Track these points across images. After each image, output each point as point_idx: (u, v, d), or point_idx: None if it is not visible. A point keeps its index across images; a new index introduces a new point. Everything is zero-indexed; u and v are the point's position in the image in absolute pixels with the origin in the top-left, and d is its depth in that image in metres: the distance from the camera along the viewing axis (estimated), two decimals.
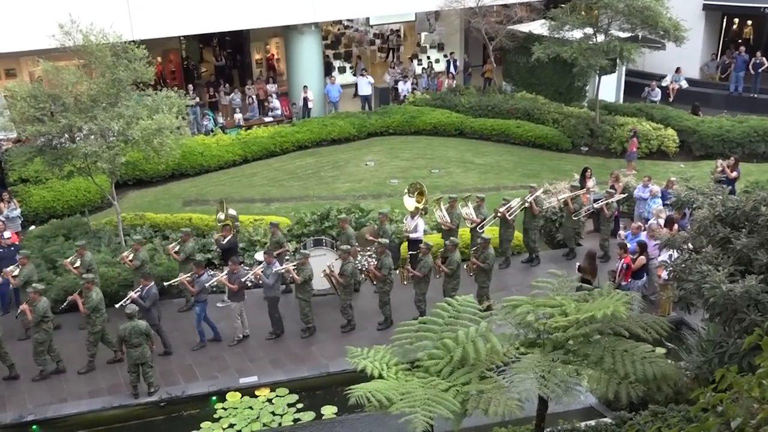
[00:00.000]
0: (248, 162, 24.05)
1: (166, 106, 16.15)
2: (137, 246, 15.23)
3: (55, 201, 19.91)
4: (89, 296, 13.55)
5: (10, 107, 15.80)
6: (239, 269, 14.66)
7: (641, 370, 9.39)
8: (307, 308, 14.75)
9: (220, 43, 32.81)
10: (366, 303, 15.71)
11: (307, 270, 14.45)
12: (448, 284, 14.81)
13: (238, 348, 14.55)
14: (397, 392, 9.10)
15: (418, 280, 14.87)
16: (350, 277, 14.75)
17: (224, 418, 12.88)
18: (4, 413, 12.90)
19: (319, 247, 15.76)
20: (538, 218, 17.29)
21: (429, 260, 14.79)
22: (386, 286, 14.87)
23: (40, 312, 13.28)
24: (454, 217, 16.85)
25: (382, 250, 14.86)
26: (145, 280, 14.06)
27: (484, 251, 14.97)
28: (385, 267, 14.70)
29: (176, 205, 20.66)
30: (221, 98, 28.05)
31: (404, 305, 15.14)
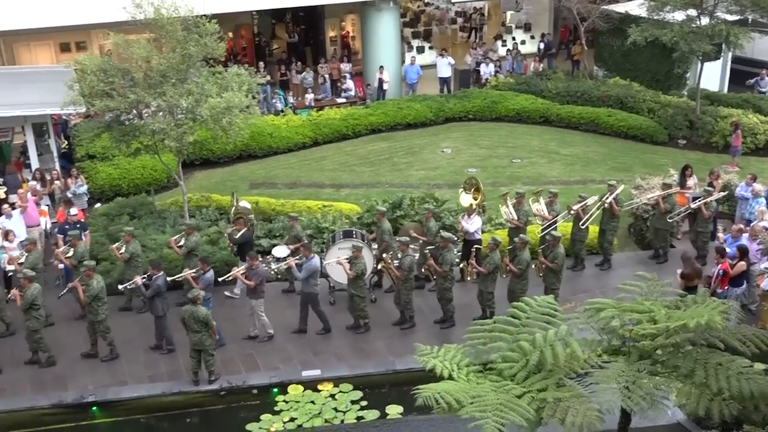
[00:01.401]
0: (318, 145, 24.30)
1: (236, 84, 16.46)
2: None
3: (121, 179, 20.58)
4: (90, 284, 13.82)
5: (79, 81, 16.34)
6: (258, 264, 14.58)
7: (737, 387, 9.13)
8: (362, 303, 14.81)
9: (294, 19, 33.16)
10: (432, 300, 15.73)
11: (359, 264, 14.49)
12: (516, 285, 14.64)
13: (302, 339, 14.78)
14: (468, 395, 9.10)
15: (484, 278, 14.78)
16: (408, 271, 14.73)
17: (285, 412, 13.13)
18: (65, 393, 13.48)
19: (348, 239, 15.73)
20: (617, 219, 16.87)
21: (496, 257, 14.65)
22: (447, 282, 14.85)
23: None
24: (522, 214, 16.56)
25: (444, 244, 14.81)
26: (154, 270, 14.25)
27: (553, 250, 14.74)
28: (446, 263, 14.64)
29: (243, 188, 21.06)
30: (293, 77, 28.40)
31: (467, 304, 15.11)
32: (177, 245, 15.43)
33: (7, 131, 19.85)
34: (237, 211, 16.55)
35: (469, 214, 16.30)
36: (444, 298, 14.95)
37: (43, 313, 14.00)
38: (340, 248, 15.32)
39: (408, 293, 14.91)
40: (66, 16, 22.65)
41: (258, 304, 14.59)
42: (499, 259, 14.69)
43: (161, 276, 14.09)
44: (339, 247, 15.41)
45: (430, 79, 28.42)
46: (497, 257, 14.64)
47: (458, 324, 14.81)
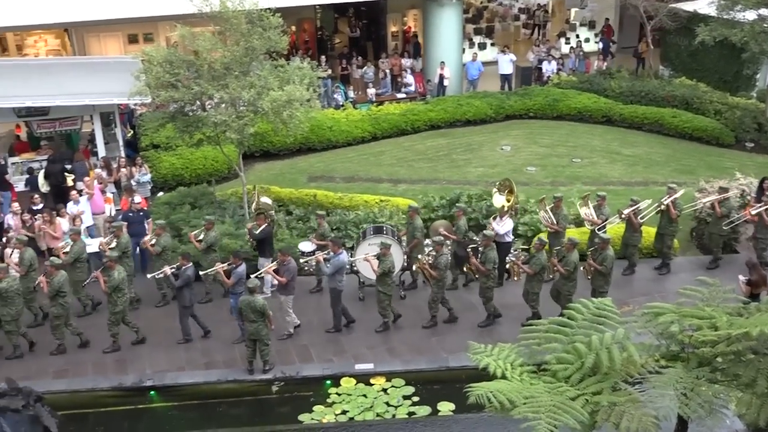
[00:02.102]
0: (377, 139, 24.36)
1: (298, 78, 16.59)
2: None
3: (183, 168, 20.96)
4: (111, 275, 14.08)
5: (146, 72, 16.69)
6: (289, 261, 14.61)
7: None
8: (386, 301, 14.76)
9: (356, 14, 33.27)
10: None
11: (387, 262, 14.45)
12: (563, 286, 14.51)
13: (355, 333, 14.86)
14: (521, 395, 9.03)
15: (530, 278, 14.67)
16: (444, 270, 14.65)
17: (337, 404, 13.23)
18: (125, 376, 13.85)
19: (379, 235, 15.70)
20: (675, 223, 16.46)
21: (542, 257, 14.53)
22: (489, 281, 14.77)
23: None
24: (560, 218, 16.32)
25: (487, 242, 14.72)
26: (184, 261, 14.42)
27: (602, 253, 14.52)
28: (489, 261, 14.56)
29: (301, 180, 21.26)
30: (353, 71, 28.53)
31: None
32: (196, 240, 15.64)
33: (77, 120, 20.40)
34: (258, 207, 16.55)
35: (501, 215, 16.15)
36: (485, 297, 14.88)
37: (69, 300, 14.36)
38: (370, 244, 15.33)
39: (440, 292, 14.83)
40: (135, 7, 23.21)
41: (287, 300, 14.65)
42: (545, 259, 14.59)
43: (190, 267, 14.33)
44: (369, 242, 15.41)
45: (491, 76, 28.22)
46: (543, 258, 14.54)
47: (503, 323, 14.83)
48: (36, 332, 14.83)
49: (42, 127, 20.26)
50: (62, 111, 19.74)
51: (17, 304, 14.09)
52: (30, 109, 19.44)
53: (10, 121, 21.17)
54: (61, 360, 14.22)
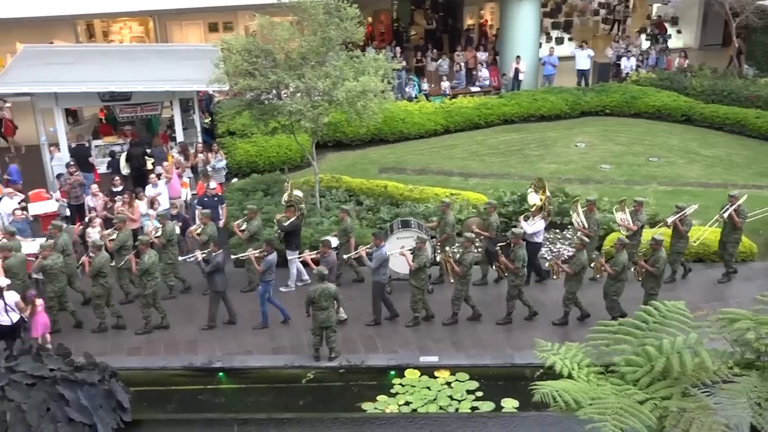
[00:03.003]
0: (450, 132, 24.25)
1: (373, 69, 16.64)
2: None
3: (257, 156, 21.28)
4: (142, 259, 14.39)
5: (225, 60, 16.99)
6: (330, 253, 14.58)
7: None
8: (419, 296, 14.66)
9: (433, 6, 33.20)
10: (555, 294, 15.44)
11: (423, 256, 14.37)
12: (611, 287, 14.31)
13: (421, 325, 14.84)
14: (587, 396, 8.89)
15: (569, 278, 14.48)
16: (468, 267, 14.52)
17: (401, 395, 13.25)
18: (195, 356, 14.17)
19: (407, 229, 15.58)
20: (739, 231, 15.83)
21: (583, 257, 14.34)
22: (518, 279, 14.62)
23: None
24: (592, 222, 15.98)
25: (516, 241, 14.58)
26: (215, 247, 14.59)
27: (654, 254, 14.21)
28: (518, 259, 14.43)
29: (372, 171, 21.34)
30: (428, 64, 28.46)
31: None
32: (239, 229, 15.81)
33: (157, 105, 20.92)
34: (289, 199, 16.52)
35: (533, 215, 15.91)
36: (510, 295, 14.76)
37: (110, 281, 14.74)
38: (398, 238, 15.25)
39: (463, 289, 14.70)
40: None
41: None
42: (586, 260, 14.42)
43: (221, 253, 14.60)
44: (397, 237, 15.32)
45: (567, 71, 27.79)
46: (584, 258, 14.36)
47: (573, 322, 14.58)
48: (122, 310, 15.24)
49: (124, 111, 20.85)
50: (144, 96, 20.24)
51: (60, 281, 14.54)
52: (113, 94, 20.00)
53: (95, 105, 21.85)
54: (135, 338, 14.64)
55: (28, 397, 11.24)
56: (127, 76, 20.17)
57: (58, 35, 27.73)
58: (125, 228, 15.54)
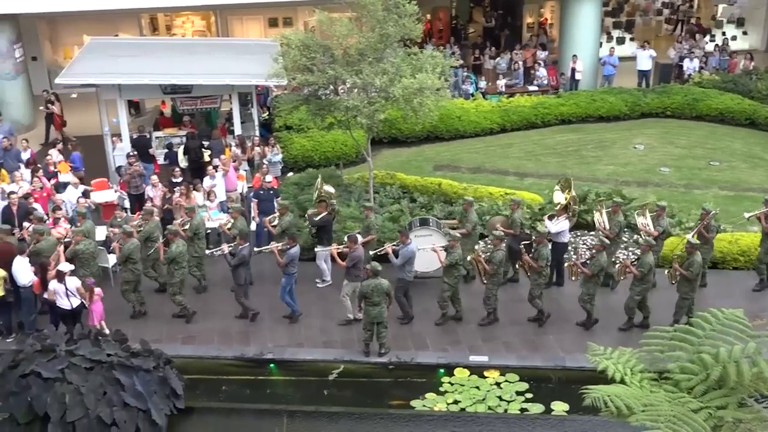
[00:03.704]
0: (506, 131, 24.07)
1: (430, 66, 16.61)
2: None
3: (313, 150, 21.44)
4: (170, 248, 14.63)
5: (284, 55, 17.15)
6: (357, 248, 14.59)
7: None
8: (448, 293, 14.60)
9: (492, 4, 32.97)
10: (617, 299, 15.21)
11: (455, 254, 14.30)
12: (636, 287, 14.20)
13: (471, 324, 14.79)
14: (639, 402, 8.76)
15: (587, 279, 14.32)
16: (498, 265, 14.40)
17: (449, 393, 13.23)
18: (247, 347, 14.37)
19: (425, 227, 15.51)
20: None
21: (602, 259, 14.14)
22: (541, 278, 14.49)
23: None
24: (614, 224, 15.72)
25: (540, 240, 14.48)
26: (241, 240, 14.68)
27: (689, 258, 13.97)
28: (542, 258, 14.29)
29: (427, 168, 21.31)
30: (485, 62, 28.29)
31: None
32: (271, 225, 15.89)
33: (216, 99, 21.22)
34: (320, 195, 16.50)
35: (558, 214, 15.72)
36: (531, 294, 14.63)
37: (140, 267, 14.97)
38: (416, 236, 15.13)
39: (493, 288, 14.59)
40: None
41: (348, 286, 14.58)
42: (605, 261, 14.22)
43: (246, 247, 14.68)
44: (415, 235, 15.19)
45: (628, 71, 27.29)
46: (603, 259, 14.16)
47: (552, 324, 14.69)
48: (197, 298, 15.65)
49: (184, 104, 21.22)
50: (204, 90, 20.55)
51: (92, 266, 14.83)
52: (175, 86, 20.36)
53: (157, 97, 22.27)
54: (190, 327, 14.90)
55: (87, 380, 11.53)
56: (188, 69, 20.50)
57: (123, 28, 28.39)
58: (239, 217, 15.79)
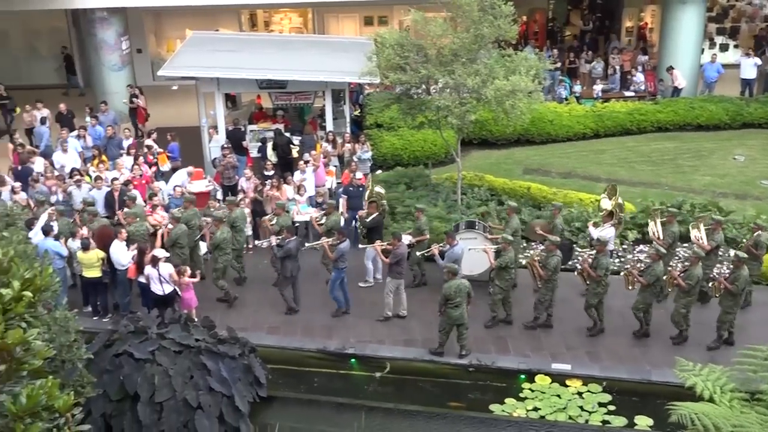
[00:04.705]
0: (599, 137, 23.59)
1: (524, 68, 16.41)
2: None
3: (402, 149, 21.51)
4: (215, 234, 15.10)
5: (378, 53, 17.26)
6: (400, 245, 14.56)
7: None
8: (500, 296, 14.40)
9: (590, 6, 32.35)
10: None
11: (506, 257, 14.12)
12: (680, 299, 13.78)
13: (556, 331, 14.57)
14: (728, 422, 8.47)
15: (643, 288, 13.90)
16: (553, 272, 14.09)
17: (529, 400, 13.06)
18: (329, 341, 14.55)
19: (470, 230, 15.33)
20: None
21: (658, 268, 13.72)
22: (599, 288, 14.07)
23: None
24: (668, 234, 15.17)
25: (601, 248, 14.05)
26: (288, 233, 14.86)
27: (735, 272, 13.46)
28: (600, 267, 13.89)
29: (516, 172, 21.08)
30: (581, 65, 27.78)
31: None
32: (317, 223, 16.05)
33: (310, 95, 21.55)
34: (371, 195, 16.60)
35: (603, 221, 15.41)
36: (588, 303, 14.28)
37: (187, 251, 15.41)
38: (461, 238, 14.96)
39: (548, 293, 14.32)
40: None
41: (391, 283, 14.68)
42: (661, 270, 13.81)
43: (294, 240, 14.89)
44: (460, 237, 15.02)
45: (730, 79, 26.29)
46: (659, 269, 13.75)
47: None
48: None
49: (279, 99, 21.64)
50: (298, 85, 20.89)
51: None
52: (270, 81, 20.78)
53: (252, 91, 22.76)
54: (275, 317, 15.19)
55: (175, 363, 11.89)
56: (284, 65, 20.87)
57: (224, 23, 29.14)
58: (283, 214, 16.08)
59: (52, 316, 9.35)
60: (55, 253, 14.37)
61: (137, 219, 15.61)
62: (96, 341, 12.08)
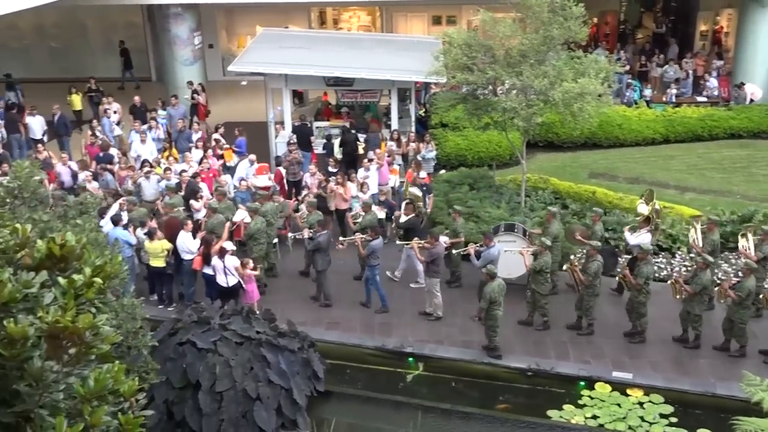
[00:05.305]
0: (669, 143, 23.07)
1: (593, 71, 16.14)
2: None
3: (467, 149, 21.40)
4: (250, 225, 15.40)
5: (445, 53, 17.19)
6: (437, 245, 14.52)
7: None
8: (543, 300, 14.28)
9: (664, 9, 31.64)
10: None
11: (542, 260, 13.94)
12: (735, 313, 13.45)
13: (618, 339, 14.29)
14: None
15: (690, 298, 13.59)
16: (593, 277, 13.86)
17: (588, 407, 12.85)
18: (388, 339, 14.57)
19: (510, 233, 15.13)
20: None
21: (705, 277, 13.36)
22: (641, 296, 13.76)
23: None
24: (707, 243, 14.70)
25: (643, 256, 13.75)
26: (319, 227, 15.10)
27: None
28: (641, 276, 13.57)
29: (582, 175, 20.76)
30: (652, 69, 27.20)
31: None
32: (354, 221, 16.26)
33: (376, 93, 21.61)
34: (408, 197, 16.74)
35: (640, 227, 15.07)
36: (636, 312, 13.97)
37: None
38: (499, 241, 14.79)
39: (590, 299, 14.12)
40: None
41: (432, 283, 14.75)
42: (708, 280, 13.49)
43: (324, 234, 15.07)
44: (499, 239, 14.85)
45: None
46: (706, 278, 13.41)
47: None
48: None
49: (345, 96, 21.77)
50: (365, 83, 20.98)
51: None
52: (337, 79, 20.92)
53: (320, 88, 22.94)
54: (334, 313, 15.31)
55: (236, 354, 12.07)
56: (351, 62, 20.98)
57: (293, 20, 29.45)
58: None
59: (120, 303, 9.58)
60: (124, 242, 14.77)
61: (175, 209, 16.07)
62: (160, 329, 12.34)
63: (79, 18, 30.55)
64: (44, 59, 30.97)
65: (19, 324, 4.77)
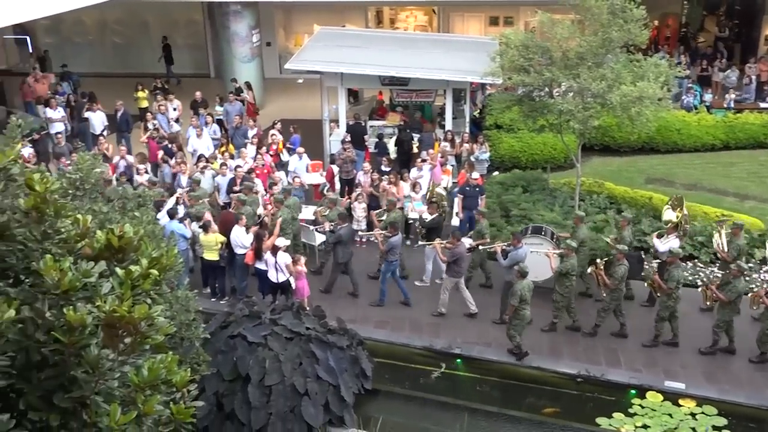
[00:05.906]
0: (729, 149, 22.48)
1: (653, 74, 15.85)
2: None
3: (521, 152, 21.20)
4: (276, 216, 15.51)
5: (501, 54, 17.06)
6: (459, 245, 14.51)
7: None
8: (561, 303, 14.09)
9: (728, 12, 30.86)
10: None
11: (568, 263, 13.74)
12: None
13: (671, 348, 14.01)
14: None
15: (722, 306, 13.29)
16: (619, 281, 13.65)
17: (639, 416, 12.64)
18: (436, 339, 14.55)
19: (536, 236, 14.97)
20: None
21: (740, 285, 13.04)
22: (670, 301, 13.49)
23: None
24: (732, 247, 14.30)
25: (672, 260, 13.44)
26: (340, 221, 15.36)
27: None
28: (671, 280, 13.27)
29: (638, 181, 20.38)
30: (714, 73, 26.52)
31: None
32: (378, 219, 16.36)
33: (431, 93, 21.57)
34: (432, 196, 16.71)
35: (668, 233, 14.77)
36: (659, 316, 13.76)
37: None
38: (526, 243, 14.62)
39: (612, 303, 13.99)
40: None
41: (448, 281, 14.76)
42: (743, 287, 13.17)
43: (345, 227, 15.41)
44: (525, 242, 14.66)
45: None
46: (741, 285, 13.09)
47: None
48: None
49: (400, 96, 21.77)
50: (420, 83, 20.96)
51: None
52: (393, 78, 20.93)
53: (375, 87, 22.98)
54: (382, 312, 15.34)
55: (285, 349, 12.19)
56: (406, 62, 20.93)
57: (350, 19, 29.57)
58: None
59: (174, 295, 9.74)
60: (179, 235, 15.02)
61: (200, 201, 16.29)
62: (212, 322, 12.52)
63: (141, 15, 31.17)
64: (106, 55, 31.73)
65: (78, 312, 4.89)
